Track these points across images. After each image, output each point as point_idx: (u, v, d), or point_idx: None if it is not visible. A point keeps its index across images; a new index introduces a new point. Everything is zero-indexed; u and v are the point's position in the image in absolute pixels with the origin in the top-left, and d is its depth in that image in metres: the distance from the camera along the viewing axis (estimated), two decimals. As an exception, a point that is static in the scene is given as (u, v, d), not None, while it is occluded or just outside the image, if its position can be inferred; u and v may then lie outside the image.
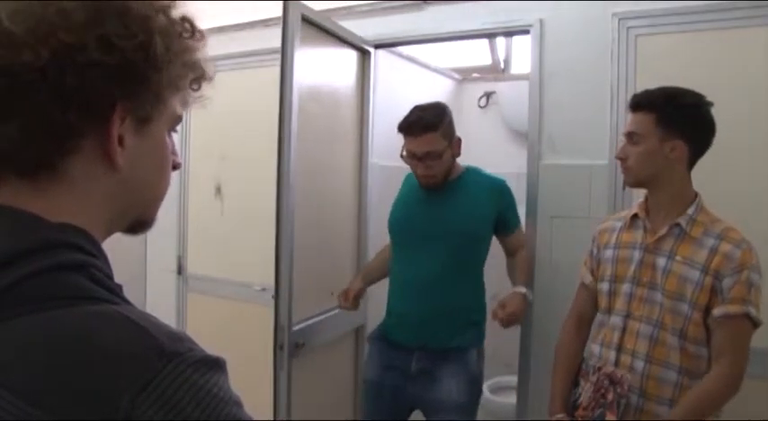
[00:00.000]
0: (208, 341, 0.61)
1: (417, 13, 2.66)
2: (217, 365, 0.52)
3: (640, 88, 2.05)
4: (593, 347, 1.75)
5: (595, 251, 1.82)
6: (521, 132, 3.34)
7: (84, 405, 0.46)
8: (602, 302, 1.74)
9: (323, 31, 2.38)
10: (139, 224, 0.66)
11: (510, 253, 2.30)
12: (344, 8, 2.77)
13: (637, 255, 1.67)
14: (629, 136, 1.65)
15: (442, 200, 2.17)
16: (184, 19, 0.60)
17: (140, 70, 0.56)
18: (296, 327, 2.22)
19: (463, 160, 3.82)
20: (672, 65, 2.14)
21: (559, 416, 1.76)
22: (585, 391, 1.70)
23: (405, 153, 2.12)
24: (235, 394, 0.52)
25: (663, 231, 1.63)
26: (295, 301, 2.22)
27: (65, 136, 0.55)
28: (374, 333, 2.32)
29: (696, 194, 1.66)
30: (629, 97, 2.00)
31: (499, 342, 3.75)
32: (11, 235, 0.53)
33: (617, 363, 1.66)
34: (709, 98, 1.63)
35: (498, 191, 2.21)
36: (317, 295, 2.43)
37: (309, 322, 2.35)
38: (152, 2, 0.57)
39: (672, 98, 1.61)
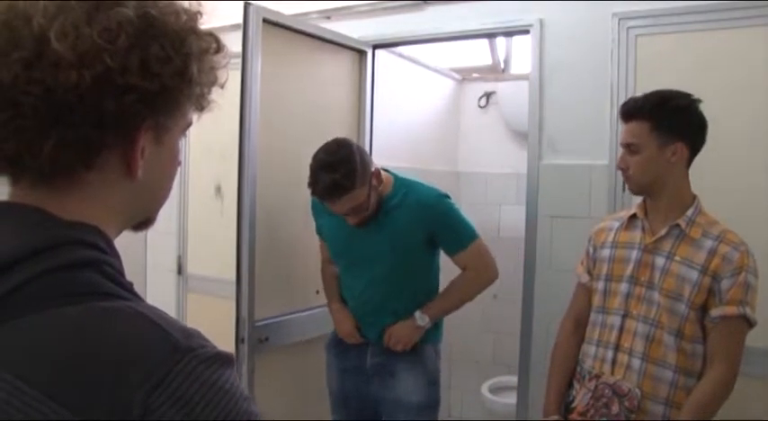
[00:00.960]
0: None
1: (417, 13, 2.66)
2: (228, 361, 0.53)
3: (640, 88, 2.06)
4: (588, 347, 1.75)
5: (592, 250, 1.82)
6: (521, 132, 3.34)
7: (99, 400, 0.47)
8: (597, 301, 1.75)
9: (305, 34, 2.41)
10: (144, 223, 0.68)
11: (462, 270, 2.13)
12: (344, 8, 2.77)
13: (635, 254, 1.68)
14: (627, 146, 1.65)
15: (371, 229, 2.03)
16: (210, 34, 0.61)
17: (173, 93, 0.58)
18: (263, 322, 2.24)
19: (463, 160, 3.86)
20: (672, 65, 2.14)
21: (554, 417, 1.76)
22: (582, 396, 1.70)
23: (331, 211, 1.99)
24: (244, 389, 0.54)
25: (662, 232, 1.64)
26: (270, 297, 2.25)
27: (94, 152, 0.56)
28: (329, 340, 2.26)
29: (694, 196, 1.67)
30: (630, 97, 2.00)
31: (499, 342, 3.77)
32: (25, 232, 0.54)
33: (614, 362, 1.66)
34: (708, 98, 1.64)
35: (429, 209, 2.01)
36: (299, 292, 2.44)
37: (285, 318, 2.36)
38: (184, 19, 0.58)
39: (663, 103, 1.61)
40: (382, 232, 2.02)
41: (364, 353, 2.14)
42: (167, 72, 0.56)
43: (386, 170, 2.10)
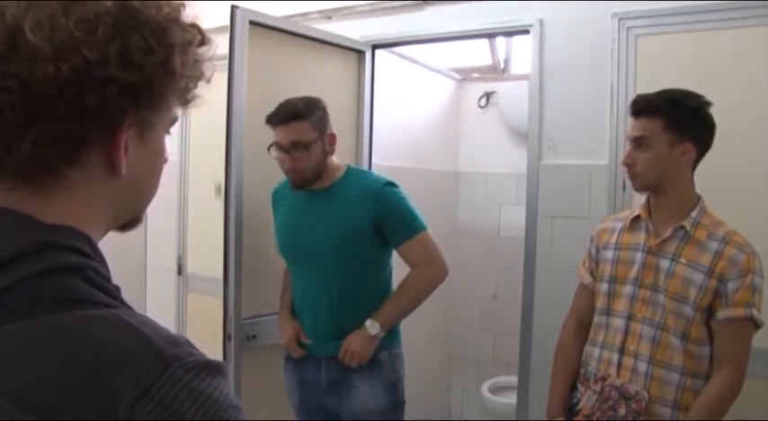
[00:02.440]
0: (208, 341, 0.61)
1: (417, 13, 2.66)
2: (217, 369, 0.51)
3: (640, 88, 2.06)
4: (592, 349, 1.75)
5: (594, 251, 1.81)
6: (521, 132, 3.34)
7: (82, 412, 0.46)
8: (601, 303, 1.74)
9: (298, 36, 2.42)
10: (131, 223, 0.66)
11: (410, 267, 2.02)
12: (345, 8, 2.77)
13: (639, 256, 1.67)
14: (637, 141, 1.62)
15: (318, 211, 1.98)
16: (194, 26, 0.59)
17: (156, 86, 0.56)
18: (251, 320, 2.26)
19: (463, 160, 3.86)
20: (672, 65, 2.14)
21: (558, 419, 1.76)
22: (587, 398, 1.69)
23: (273, 147, 1.96)
24: (235, 398, 0.52)
25: (667, 234, 1.63)
26: (260, 295, 2.27)
27: (75, 148, 0.54)
28: (285, 352, 2.16)
29: (699, 197, 1.66)
30: (629, 97, 2.00)
31: (499, 342, 3.77)
32: (4, 237, 0.52)
33: (619, 365, 1.66)
34: (709, 98, 1.63)
35: (373, 196, 1.94)
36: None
37: (274, 316, 2.33)
38: (167, 11, 0.56)
39: (678, 101, 1.60)
40: (329, 217, 1.96)
41: (318, 369, 2.05)
42: (149, 64, 0.54)
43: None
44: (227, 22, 2.14)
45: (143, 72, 0.54)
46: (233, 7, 2.15)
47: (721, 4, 2.06)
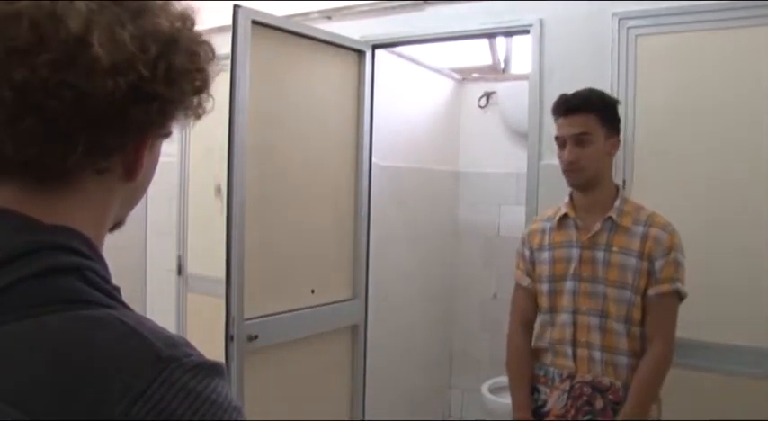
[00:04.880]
0: (208, 341, 0.61)
1: (417, 13, 2.66)
2: (215, 370, 0.51)
3: (640, 88, 2.06)
4: (545, 348, 1.79)
5: (528, 253, 1.86)
6: (521, 132, 3.34)
7: (77, 413, 0.45)
8: (544, 302, 1.80)
9: (299, 35, 2.43)
10: (118, 224, 0.66)
11: None
12: (345, 8, 2.77)
13: (574, 252, 1.74)
14: (578, 138, 1.70)
15: None
16: (205, 43, 0.61)
17: (186, 104, 0.59)
18: (254, 321, 2.26)
19: (463, 160, 3.86)
20: (672, 65, 2.14)
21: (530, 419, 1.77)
22: (556, 399, 1.72)
23: None
24: (235, 399, 0.51)
25: (597, 227, 1.71)
26: (262, 296, 2.27)
27: (106, 158, 0.55)
28: None
29: (617, 187, 1.77)
30: (629, 97, 2.01)
31: (499, 342, 3.77)
32: (3, 238, 0.52)
33: (575, 357, 1.71)
34: (708, 98, 1.66)
35: None
36: (291, 291, 2.44)
37: (275, 317, 2.36)
38: (197, 34, 0.59)
39: (604, 97, 1.74)
40: None
41: None
42: (186, 82, 0.57)
43: None
44: (229, 22, 2.14)
45: (181, 90, 0.57)
46: (235, 7, 2.15)
47: (721, 4, 2.06)
